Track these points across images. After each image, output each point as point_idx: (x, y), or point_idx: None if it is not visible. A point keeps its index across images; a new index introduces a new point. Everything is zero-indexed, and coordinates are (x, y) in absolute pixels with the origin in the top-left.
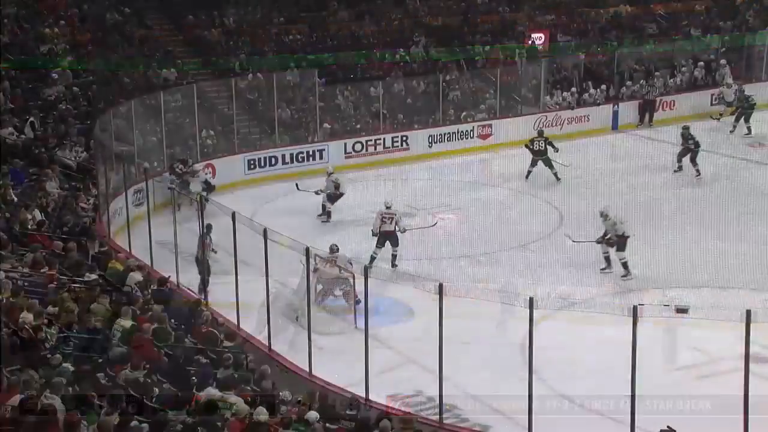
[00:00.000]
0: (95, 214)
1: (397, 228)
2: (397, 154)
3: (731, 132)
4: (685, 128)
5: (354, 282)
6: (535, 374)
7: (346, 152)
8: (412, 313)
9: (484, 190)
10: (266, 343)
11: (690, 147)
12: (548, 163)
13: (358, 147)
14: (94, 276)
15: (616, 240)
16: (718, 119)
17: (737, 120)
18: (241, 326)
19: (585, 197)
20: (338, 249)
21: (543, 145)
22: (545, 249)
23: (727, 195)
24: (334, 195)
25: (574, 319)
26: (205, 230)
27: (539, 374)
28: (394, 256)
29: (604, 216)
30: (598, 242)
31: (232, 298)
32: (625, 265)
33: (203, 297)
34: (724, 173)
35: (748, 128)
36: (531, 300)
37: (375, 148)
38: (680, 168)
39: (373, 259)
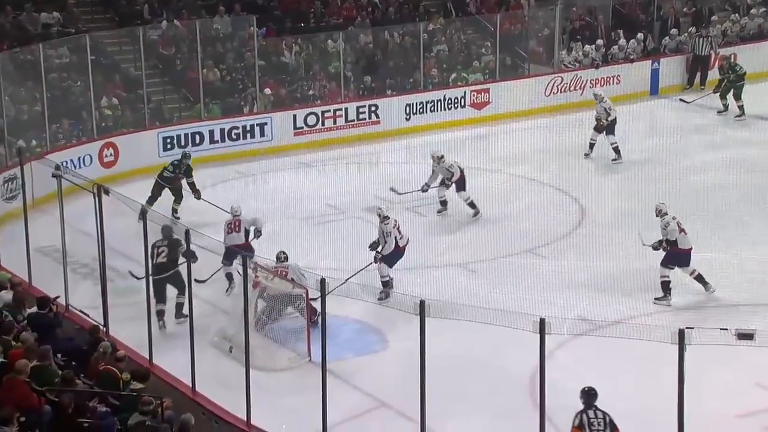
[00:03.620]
0: None
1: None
2: (363, 129)
3: (720, 113)
4: (726, 59)
5: (307, 300)
6: (549, 421)
7: (295, 127)
8: (385, 341)
9: (479, 177)
10: (189, 383)
11: (729, 78)
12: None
13: (311, 120)
14: None
15: (666, 247)
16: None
17: (723, 96)
18: (154, 361)
19: (616, 185)
20: (287, 257)
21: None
22: (561, 253)
23: None
24: (450, 183)
25: (599, 347)
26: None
27: (553, 420)
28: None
29: (659, 211)
30: (655, 248)
31: (143, 325)
32: (700, 279)
33: (104, 326)
34: None
35: (740, 107)
36: (542, 322)
37: (334, 122)
38: (742, 113)
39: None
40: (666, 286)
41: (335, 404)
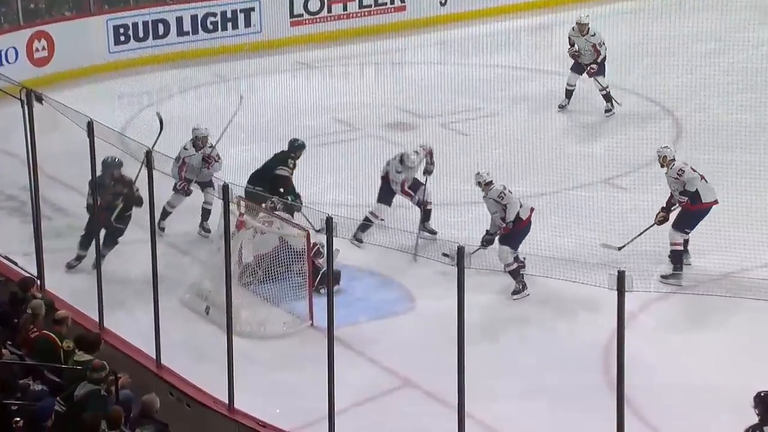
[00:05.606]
0: None
1: None
2: (383, 17)
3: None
4: None
5: (308, 247)
6: (628, 405)
7: (292, 15)
8: (410, 300)
9: (537, 82)
10: (152, 354)
11: None
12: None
13: (313, 6)
14: None
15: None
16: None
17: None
18: (106, 325)
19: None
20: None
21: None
22: (647, 185)
23: None
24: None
25: (697, 309)
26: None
27: (633, 404)
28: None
29: (662, 158)
30: (660, 221)
31: (91, 277)
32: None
33: (38, 278)
34: None
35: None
36: (621, 276)
37: (344, 8)
38: None
39: None
40: (678, 258)
41: (345, 383)
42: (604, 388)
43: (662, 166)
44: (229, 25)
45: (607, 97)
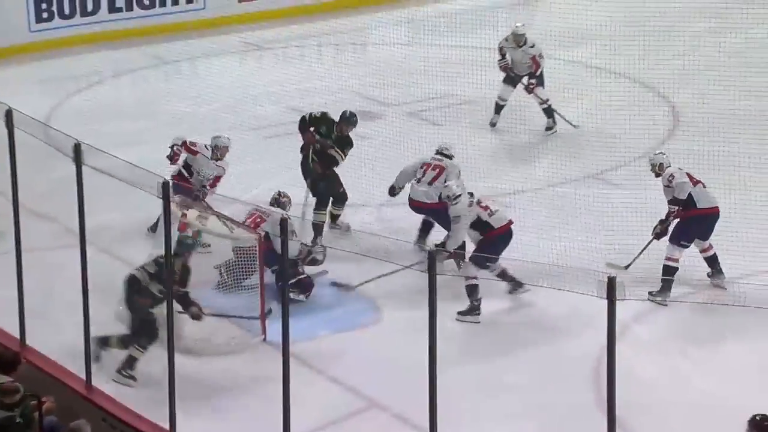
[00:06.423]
0: None
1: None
2: None
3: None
4: None
5: (260, 250)
6: (621, 428)
7: None
8: (377, 311)
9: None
10: (82, 375)
11: None
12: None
13: None
14: None
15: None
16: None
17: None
18: (28, 342)
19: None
20: (289, 200)
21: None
22: (642, 180)
23: None
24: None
25: (699, 318)
26: None
27: (626, 425)
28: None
29: (656, 166)
30: (659, 235)
31: (10, 285)
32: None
33: None
34: None
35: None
36: (612, 282)
37: None
38: None
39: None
40: (669, 274)
41: (303, 405)
42: (593, 408)
43: (656, 175)
44: (169, 0)
45: (549, 112)
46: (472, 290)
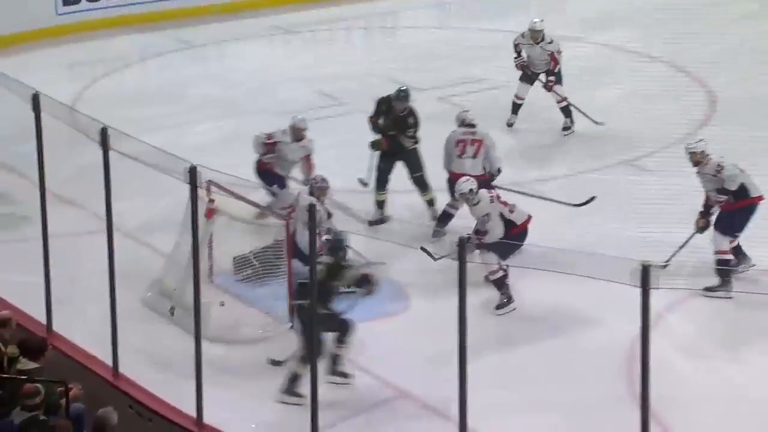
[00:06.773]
0: None
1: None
2: None
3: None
4: None
5: (288, 235)
6: (654, 420)
7: None
8: (405, 299)
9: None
10: (109, 362)
11: None
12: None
13: None
14: None
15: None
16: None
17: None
18: (54, 328)
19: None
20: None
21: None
22: (676, 166)
23: None
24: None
25: (736, 309)
26: None
27: (659, 417)
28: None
29: (698, 154)
30: (702, 228)
31: (37, 271)
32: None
33: None
34: None
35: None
36: (646, 270)
37: None
38: None
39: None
40: (728, 266)
41: (331, 394)
42: (627, 401)
43: (696, 164)
44: None
45: (567, 111)
46: (500, 282)
